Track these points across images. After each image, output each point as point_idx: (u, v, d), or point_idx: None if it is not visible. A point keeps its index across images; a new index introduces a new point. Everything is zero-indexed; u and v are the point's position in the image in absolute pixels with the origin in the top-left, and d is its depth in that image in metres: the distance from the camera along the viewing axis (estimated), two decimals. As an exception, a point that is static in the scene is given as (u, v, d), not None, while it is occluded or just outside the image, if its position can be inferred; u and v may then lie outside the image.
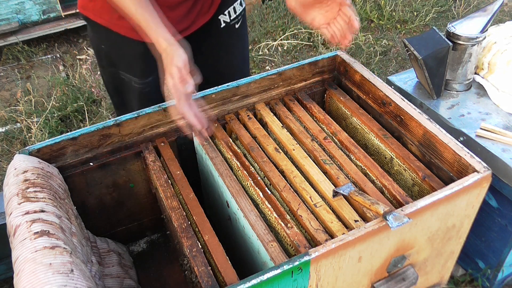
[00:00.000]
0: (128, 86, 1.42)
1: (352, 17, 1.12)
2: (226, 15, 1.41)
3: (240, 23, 1.46)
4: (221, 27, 1.42)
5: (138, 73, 1.40)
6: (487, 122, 1.38)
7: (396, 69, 2.84)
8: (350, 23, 1.13)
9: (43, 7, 2.94)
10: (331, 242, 0.91)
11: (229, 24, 1.43)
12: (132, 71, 1.39)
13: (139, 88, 1.42)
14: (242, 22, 1.48)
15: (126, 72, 1.40)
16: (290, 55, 2.97)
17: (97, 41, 1.39)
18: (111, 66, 1.42)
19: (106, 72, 1.46)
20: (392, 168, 1.24)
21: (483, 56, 1.50)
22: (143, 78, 1.41)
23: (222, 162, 1.21)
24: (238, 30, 1.47)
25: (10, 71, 2.91)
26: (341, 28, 1.14)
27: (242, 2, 1.44)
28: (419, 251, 1.11)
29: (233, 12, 1.42)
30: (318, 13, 1.15)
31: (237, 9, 1.43)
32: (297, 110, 1.37)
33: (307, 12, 1.16)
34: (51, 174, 1.11)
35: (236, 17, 1.44)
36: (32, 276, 0.82)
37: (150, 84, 1.44)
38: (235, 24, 1.45)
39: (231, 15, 1.42)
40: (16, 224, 0.93)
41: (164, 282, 1.41)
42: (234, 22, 1.44)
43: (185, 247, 1.00)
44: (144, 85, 1.43)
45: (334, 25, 1.15)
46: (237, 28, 1.46)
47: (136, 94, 1.44)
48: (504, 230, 1.38)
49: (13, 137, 2.39)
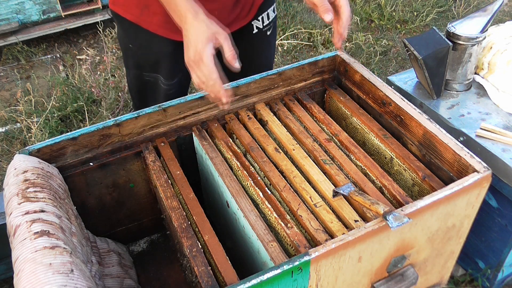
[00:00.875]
0: (153, 87, 1.41)
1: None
2: (260, 21, 1.41)
3: (271, 30, 1.46)
4: (253, 33, 1.42)
5: (165, 74, 1.38)
6: (487, 122, 1.38)
7: (396, 69, 2.84)
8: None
9: (43, 7, 2.94)
10: (331, 242, 0.91)
11: (262, 30, 1.43)
12: (159, 70, 1.38)
13: (164, 89, 1.41)
14: (273, 29, 1.48)
15: (152, 72, 1.39)
16: (290, 55, 2.97)
17: (125, 40, 1.38)
18: (137, 68, 1.41)
19: (131, 74, 1.45)
20: (392, 168, 1.24)
21: (483, 56, 1.50)
22: (169, 80, 1.40)
23: (222, 162, 1.21)
24: (269, 37, 1.47)
25: (10, 71, 2.91)
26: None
27: (274, 9, 1.44)
28: (419, 251, 1.11)
29: (266, 19, 1.41)
30: None
31: (270, 16, 1.43)
32: (297, 110, 1.37)
33: None
34: (51, 174, 1.11)
35: (269, 23, 1.44)
36: (32, 276, 0.82)
37: (175, 86, 1.43)
38: (267, 31, 1.45)
39: (264, 21, 1.42)
40: (16, 224, 0.93)
41: (164, 282, 1.41)
42: (266, 28, 1.44)
43: (185, 247, 1.00)
44: (170, 87, 1.42)
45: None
46: (268, 35, 1.46)
47: (162, 95, 1.43)
48: (504, 230, 1.38)
49: (13, 137, 2.39)
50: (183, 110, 1.29)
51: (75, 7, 3.06)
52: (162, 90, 1.42)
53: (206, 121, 1.34)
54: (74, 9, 3.04)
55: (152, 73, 1.39)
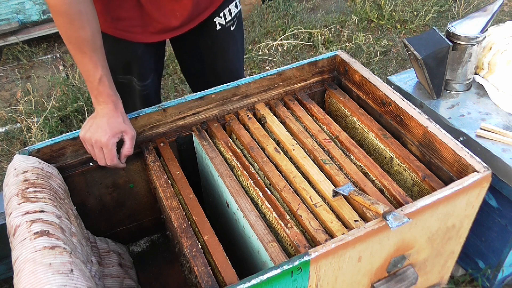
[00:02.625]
0: (127, 89, 1.42)
1: None
2: (222, 17, 1.40)
3: (235, 26, 1.46)
4: (216, 30, 1.42)
5: (137, 75, 1.40)
6: (487, 122, 1.37)
7: (396, 69, 2.84)
8: None
9: (43, 7, 2.94)
10: (331, 242, 0.91)
11: (225, 26, 1.43)
12: (131, 73, 1.39)
13: (139, 90, 1.42)
14: (238, 24, 1.48)
15: (125, 74, 1.40)
16: (290, 55, 2.97)
17: None
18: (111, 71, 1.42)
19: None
20: (392, 168, 1.24)
21: (483, 56, 1.50)
22: (142, 81, 1.41)
23: (222, 162, 1.21)
24: (234, 32, 1.47)
25: (10, 71, 2.91)
26: None
27: (237, 4, 1.44)
28: (419, 251, 1.11)
29: (228, 14, 1.41)
30: None
31: (232, 11, 1.42)
32: (297, 110, 1.37)
33: None
34: (51, 174, 1.11)
35: (232, 19, 1.43)
36: (32, 276, 0.82)
37: (149, 86, 1.44)
38: (230, 27, 1.44)
39: (227, 17, 1.41)
40: (16, 224, 0.93)
41: (164, 282, 1.41)
42: (230, 24, 1.44)
43: (185, 247, 1.00)
44: (144, 87, 1.43)
45: None
46: (232, 30, 1.46)
47: (137, 96, 1.44)
48: (504, 230, 1.38)
49: (13, 137, 2.39)
50: (183, 110, 1.29)
51: (75, 7, 3.06)
52: (137, 91, 1.43)
53: (206, 121, 1.34)
54: (74, 9, 3.04)
55: (126, 75, 1.40)
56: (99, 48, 1.10)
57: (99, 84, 1.11)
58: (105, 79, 1.11)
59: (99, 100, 1.13)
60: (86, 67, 1.10)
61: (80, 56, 1.08)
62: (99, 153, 1.15)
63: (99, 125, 1.13)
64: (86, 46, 1.07)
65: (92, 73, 1.10)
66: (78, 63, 1.10)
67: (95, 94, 1.13)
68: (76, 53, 1.08)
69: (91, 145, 1.15)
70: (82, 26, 1.05)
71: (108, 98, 1.13)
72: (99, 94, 1.12)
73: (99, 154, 1.16)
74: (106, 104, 1.13)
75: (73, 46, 1.08)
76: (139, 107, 1.43)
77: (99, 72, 1.10)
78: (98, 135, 1.12)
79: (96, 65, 1.09)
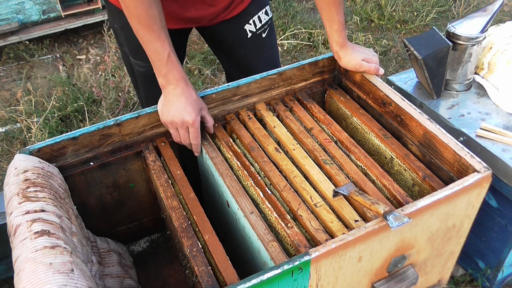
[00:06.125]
0: (150, 78, 1.44)
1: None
2: (252, 24, 1.43)
3: (267, 32, 1.49)
4: (248, 37, 1.45)
5: (142, 56, 1.41)
6: (487, 122, 1.38)
7: (396, 69, 2.84)
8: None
9: (43, 7, 2.94)
10: (331, 242, 0.91)
11: (256, 33, 1.46)
12: (136, 54, 1.40)
13: (143, 71, 1.43)
14: (270, 31, 1.51)
15: (131, 55, 1.42)
16: (290, 55, 2.97)
17: (111, 20, 1.43)
18: (122, 47, 1.46)
19: (122, 50, 1.50)
20: (392, 168, 1.24)
21: (483, 56, 1.50)
22: (147, 61, 1.42)
23: (222, 162, 1.21)
24: (266, 39, 1.50)
25: (10, 71, 2.91)
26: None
27: (268, 11, 1.47)
28: (419, 251, 1.11)
29: (258, 22, 1.44)
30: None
31: (263, 19, 1.46)
32: (298, 110, 1.37)
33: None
34: (52, 174, 1.11)
35: (262, 26, 1.46)
36: (32, 276, 0.82)
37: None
38: (261, 33, 1.47)
39: (257, 24, 1.44)
40: (16, 223, 0.93)
41: (164, 282, 1.41)
42: (261, 31, 1.47)
43: (185, 247, 1.00)
44: (149, 68, 1.44)
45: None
46: (264, 37, 1.49)
47: (142, 78, 1.46)
48: (504, 230, 1.38)
49: (13, 137, 2.39)
50: (184, 110, 1.29)
51: (75, 7, 3.06)
52: (142, 72, 1.45)
53: (206, 121, 1.34)
54: (74, 9, 3.05)
55: (131, 57, 1.42)
56: (165, 27, 1.12)
57: (168, 61, 1.13)
58: (173, 56, 1.13)
59: (169, 79, 1.14)
60: (154, 45, 1.12)
61: (149, 35, 1.11)
62: (184, 134, 1.18)
63: (181, 106, 1.15)
64: (155, 23, 1.10)
65: (160, 51, 1.12)
66: (146, 42, 1.12)
67: (164, 72, 1.14)
68: (145, 33, 1.11)
69: (176, 127, 1.18)
70: (150, 5, 1.08)
71: (178, 73, 1.14)
72: (169, 71, 1.14)
73: (184, 134, 1.18)
74: (177, 81, 1.14)
75: (143, 26, 1.10)
76: (143, 89, 1.47)
77: (167, 49, 1.12)
78: (183, 116, 1.15)
79: (164, 42, 1.12)
